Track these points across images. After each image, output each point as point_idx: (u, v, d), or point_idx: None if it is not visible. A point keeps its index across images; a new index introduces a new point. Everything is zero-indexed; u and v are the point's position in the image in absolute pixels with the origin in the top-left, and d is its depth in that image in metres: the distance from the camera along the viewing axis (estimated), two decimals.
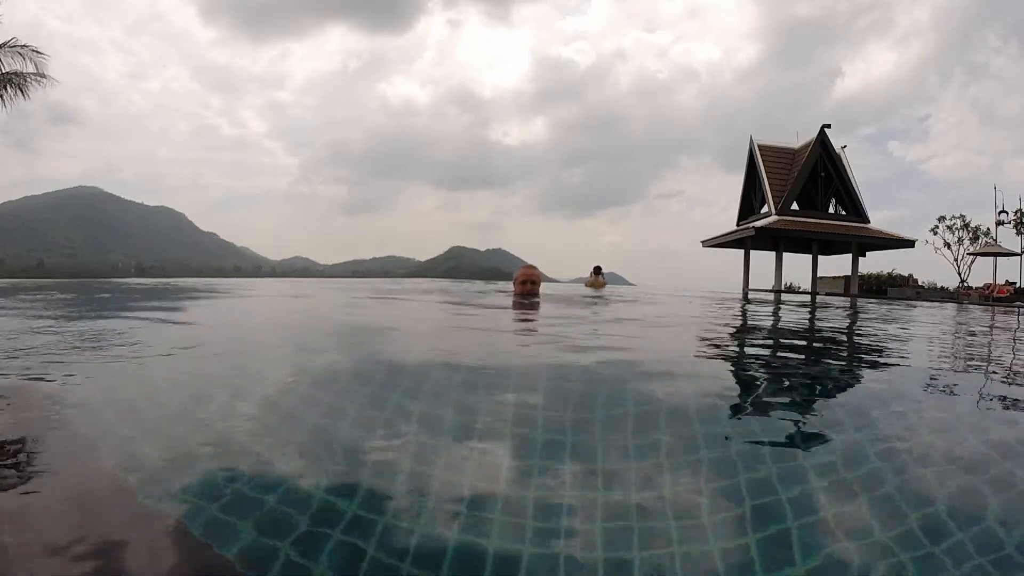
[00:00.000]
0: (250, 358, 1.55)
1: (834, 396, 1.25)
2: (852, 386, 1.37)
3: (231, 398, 1.08)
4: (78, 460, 0.81)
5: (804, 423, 0.98)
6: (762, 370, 1.52)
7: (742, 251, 20.29)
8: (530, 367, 1.40)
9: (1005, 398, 1.31)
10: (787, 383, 1.31)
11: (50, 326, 2.26)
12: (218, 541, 0.62)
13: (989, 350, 2.38)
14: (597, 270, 10.30)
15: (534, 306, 3.37)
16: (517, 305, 3.55)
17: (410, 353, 1.61)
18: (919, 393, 1.28)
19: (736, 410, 1.03)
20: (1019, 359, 2.04)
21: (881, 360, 1.85)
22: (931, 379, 1.50)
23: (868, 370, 1.63)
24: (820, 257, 19.31)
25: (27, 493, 0.70)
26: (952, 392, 1.34)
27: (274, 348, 1.74)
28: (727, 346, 2.05)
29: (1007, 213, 24.04)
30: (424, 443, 0.84)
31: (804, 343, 2.39)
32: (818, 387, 1.29)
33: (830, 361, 1.84)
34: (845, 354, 2.06)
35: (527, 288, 4.00)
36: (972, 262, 26.31)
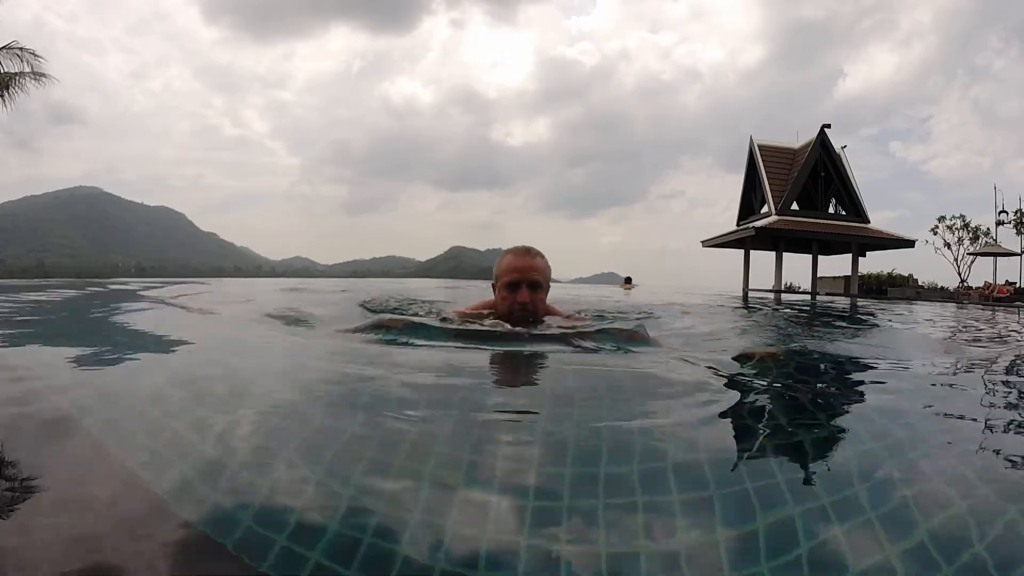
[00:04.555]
0: None
1: None
2: None
3: None
4: None
5: None
6: None
7: (742, 251, 20.29)
8: None
9: None
10: None
11: None
12: None
13: None
14: (628, 280, 14.53)
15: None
16: (499, 366, 1.45)
17: None
18: None
19: None
20: None
21: None
22: None
23: None
24: (820, 257, 19.31)
25: None
26: None
27: None
28: None
29: (1007, 213, 24.10)
30: None
31: None
32: None
33: None
34: None
35: (523, 300, 1.86)
36: (972, 262, 26.35)
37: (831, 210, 18.67)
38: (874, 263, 24.03)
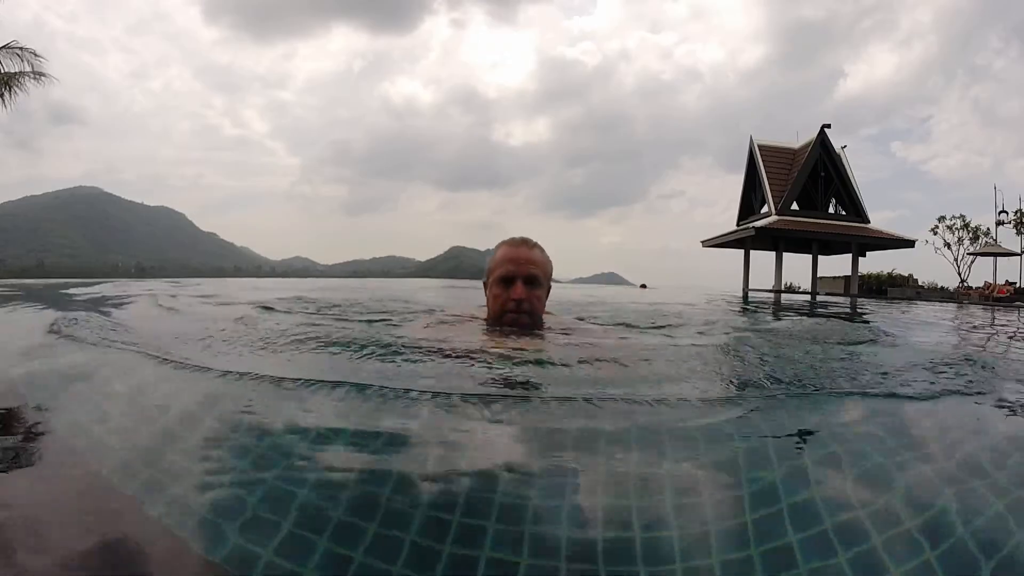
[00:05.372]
0: None
1: None
2: None
3: None
4: None
5: None
6: None
7: (742, 251, 20.30)
8: None
9: None
10: None
11: None
12: None
13: None
14: (643, 286, 15.34)
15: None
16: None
17: None
18: None
19: None
20: None
21: None
22: None
23: None
24: (820, 257, 19.32)
25: None
26: None
27: None
28: None
29: (1007, 213, 24.09)
30: None
31: None
32: None
33: None
34: None
35: (518, 296, 1.43)
36: (972, 262, 26.33)
37: (831, 210, 18.69)
38: (874, 263, 24.06)
